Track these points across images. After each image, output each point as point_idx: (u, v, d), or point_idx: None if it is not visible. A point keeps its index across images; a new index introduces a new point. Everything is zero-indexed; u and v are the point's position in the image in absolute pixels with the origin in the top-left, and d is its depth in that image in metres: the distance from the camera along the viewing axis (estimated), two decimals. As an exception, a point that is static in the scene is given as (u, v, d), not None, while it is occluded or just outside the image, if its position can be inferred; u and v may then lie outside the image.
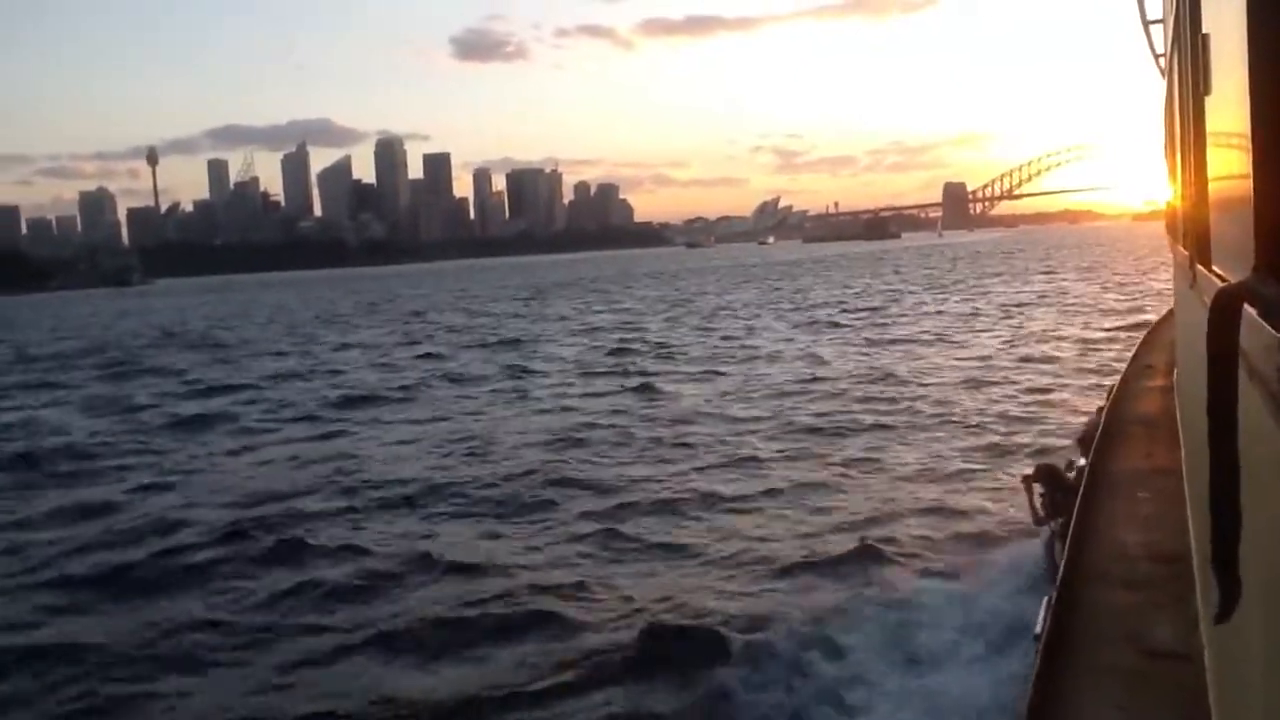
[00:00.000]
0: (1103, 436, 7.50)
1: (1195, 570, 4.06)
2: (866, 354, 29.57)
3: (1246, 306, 1.37)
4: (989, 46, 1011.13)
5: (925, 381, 23.16)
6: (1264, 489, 1.38)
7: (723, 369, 28.05)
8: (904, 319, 41.68)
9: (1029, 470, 8.29)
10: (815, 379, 24.68)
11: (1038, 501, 7.25)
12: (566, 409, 22.40)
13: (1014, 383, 22.03)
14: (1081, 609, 4.58)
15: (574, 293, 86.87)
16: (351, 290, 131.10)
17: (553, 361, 32.95)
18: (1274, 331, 1.38)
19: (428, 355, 37.27)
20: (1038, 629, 4.47)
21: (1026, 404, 19.37)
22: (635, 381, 25.88)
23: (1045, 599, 4.82)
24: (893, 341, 32.67)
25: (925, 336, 33.71)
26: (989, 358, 26.84)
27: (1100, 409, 9.11)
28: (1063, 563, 5.18)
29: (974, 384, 22.16)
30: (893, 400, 20.75)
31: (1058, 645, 4.23)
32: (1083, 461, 7.35)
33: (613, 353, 34.32)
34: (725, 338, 38.15)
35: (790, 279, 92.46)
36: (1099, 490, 6.21)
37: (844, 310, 49.21)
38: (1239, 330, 1.36)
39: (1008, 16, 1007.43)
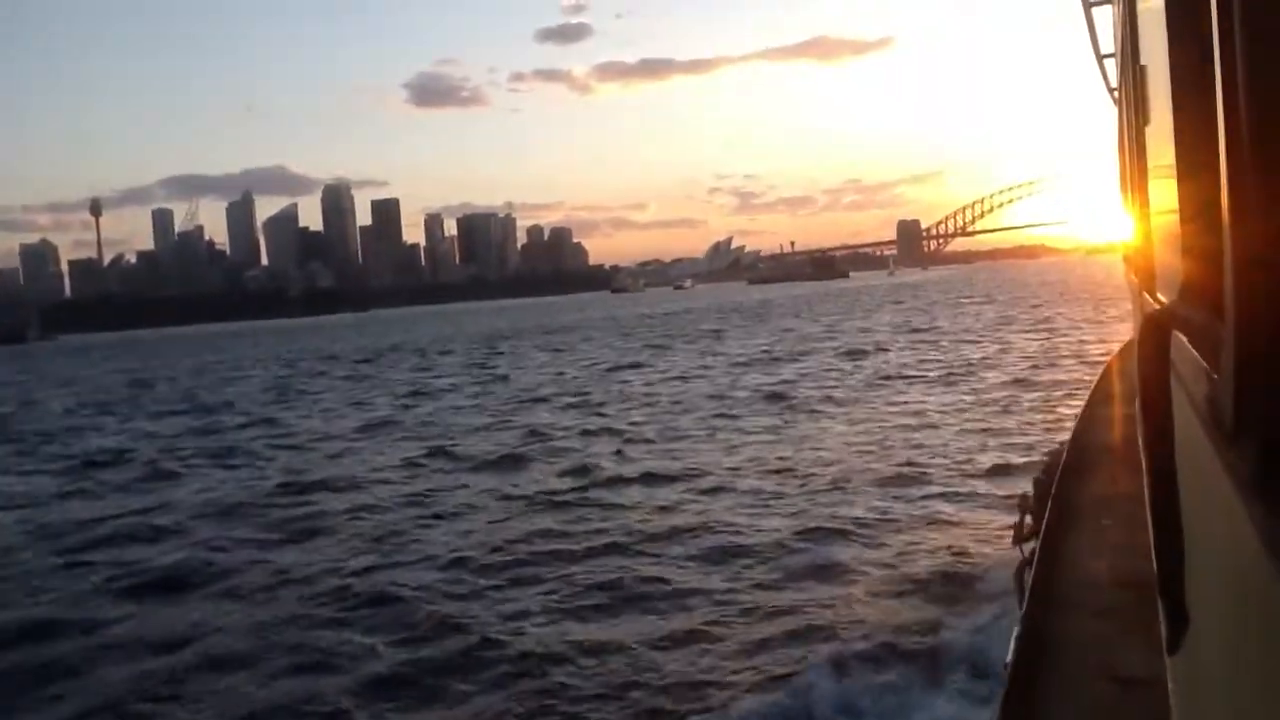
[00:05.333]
0: (1067, 464, 7.56)
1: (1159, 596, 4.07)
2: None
3: (1176, 332, 1.41)
4: (943, 86, 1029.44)
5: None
6: (1205, 512, 1.36)
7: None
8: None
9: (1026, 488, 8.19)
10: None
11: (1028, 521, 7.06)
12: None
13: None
14: (1048, 637, 4.58)
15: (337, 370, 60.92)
16: (221, 348, 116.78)
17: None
18: (1199, 356, 1.39)
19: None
20: (1009, 658, 4.45)
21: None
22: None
23: (1016, 629, 4.81)
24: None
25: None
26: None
27: (1063, 441, 9.19)
28: (1028, 590, 5.18)
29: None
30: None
31: (1024, 674, 4.21)
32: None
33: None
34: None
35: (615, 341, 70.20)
36: (1064, 517, 6.25)
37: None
38: (1168, 355, 1.37)
39: (961, 55, 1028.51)
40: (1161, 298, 2.62)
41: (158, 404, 44.73)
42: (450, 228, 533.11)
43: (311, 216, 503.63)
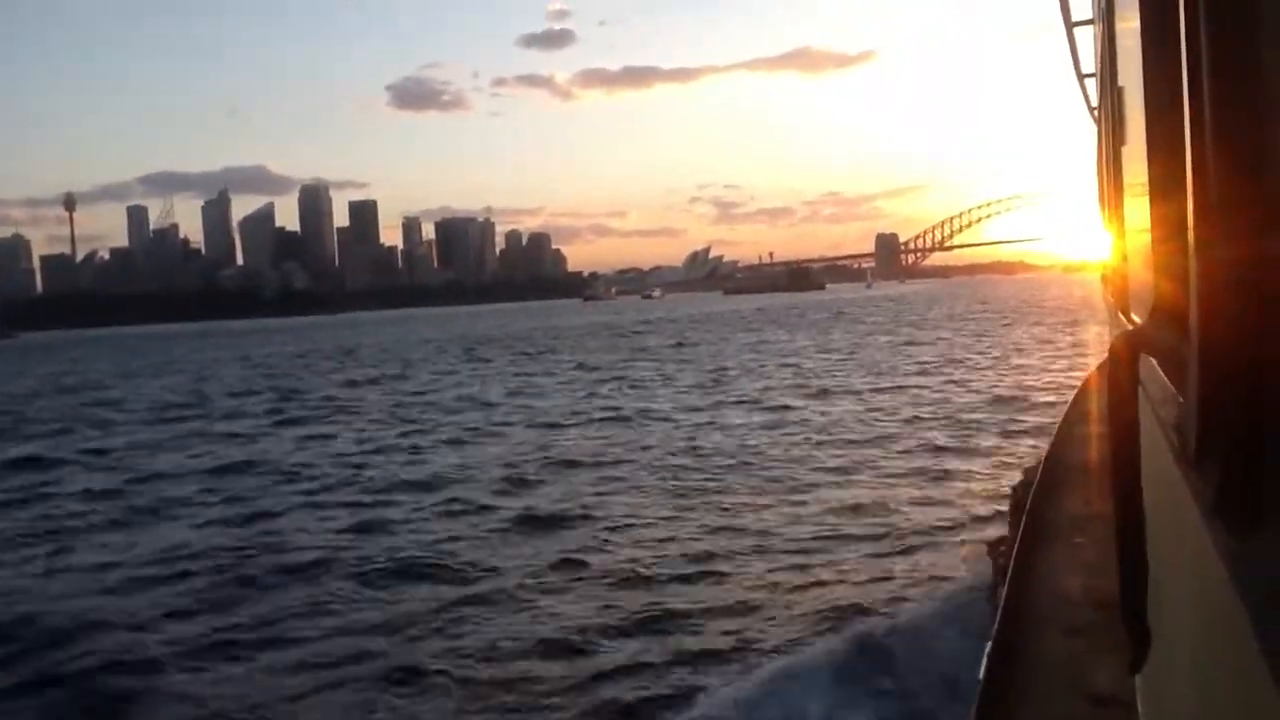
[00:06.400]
0: (1041, 483, 7.56)
1: None
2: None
3: (1144, 354, 1.42)
4: (926, 100, 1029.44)
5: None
6: (1171, 534, 1.37)
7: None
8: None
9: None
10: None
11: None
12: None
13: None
14: (1020, 655, 4.57)
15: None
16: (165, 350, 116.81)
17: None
18: (1166, 378, 1.39)
19: None
20: (980, 674, 4.44)
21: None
22: None
23: (988, 645, 4.80)
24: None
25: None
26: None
27: (1040, 457, 9.20)
28: (1001, 608, 5.18)
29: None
30: None
31: (995, 690, 4.20)
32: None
33: None
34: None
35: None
36: (1038, 536, 6.25)
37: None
38: (1137, 376, 1.38)
39: (944, 70, 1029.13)
40: (1135, 318, 2.63)
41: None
42: (429, 231, 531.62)
43: (288, 217, 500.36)
